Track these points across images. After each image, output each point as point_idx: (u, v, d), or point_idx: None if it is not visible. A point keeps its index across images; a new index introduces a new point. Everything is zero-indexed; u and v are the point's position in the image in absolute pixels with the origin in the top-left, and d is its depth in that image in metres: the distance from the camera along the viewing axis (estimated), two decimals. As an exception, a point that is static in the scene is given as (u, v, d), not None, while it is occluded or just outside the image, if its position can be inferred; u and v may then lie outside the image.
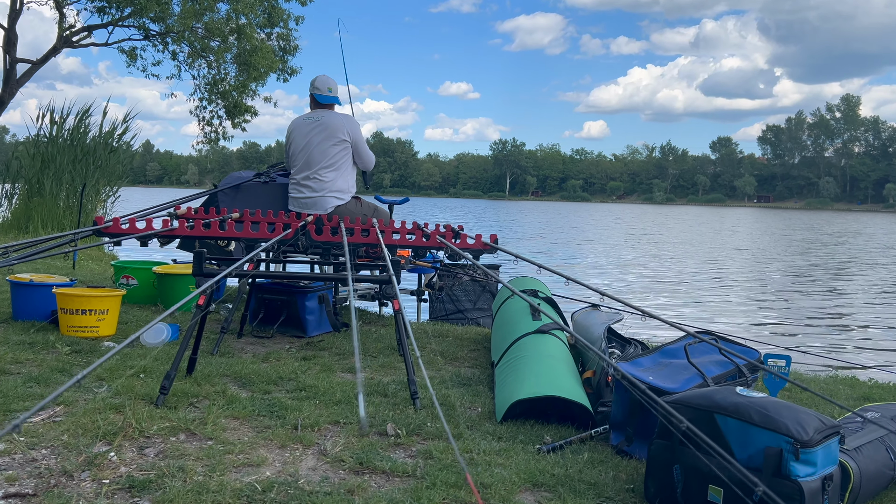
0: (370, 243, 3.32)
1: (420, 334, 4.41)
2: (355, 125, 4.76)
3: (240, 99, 14.23)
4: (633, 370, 2.47)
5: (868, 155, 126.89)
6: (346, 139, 4.68)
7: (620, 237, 25.15)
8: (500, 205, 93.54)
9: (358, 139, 4.74)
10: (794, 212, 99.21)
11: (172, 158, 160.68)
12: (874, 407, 2.51)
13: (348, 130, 4.72)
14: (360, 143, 4.75)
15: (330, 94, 4.85)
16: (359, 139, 4.75)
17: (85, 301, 3.90)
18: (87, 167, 11.41)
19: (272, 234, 3.11)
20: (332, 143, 4.70)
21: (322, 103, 4.84)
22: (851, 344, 7.30)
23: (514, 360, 3.07)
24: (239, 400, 2.83)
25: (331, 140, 4.71)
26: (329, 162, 4.68)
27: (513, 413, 2.73)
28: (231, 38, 12.98)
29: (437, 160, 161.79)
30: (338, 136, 4.70)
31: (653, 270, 13.26)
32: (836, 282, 12.82)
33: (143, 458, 2.23)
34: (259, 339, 4.13)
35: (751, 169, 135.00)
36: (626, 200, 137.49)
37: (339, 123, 4.72)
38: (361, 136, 4.77)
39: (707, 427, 1.94)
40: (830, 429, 1.89)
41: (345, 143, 4.68)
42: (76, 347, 3.62)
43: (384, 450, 2.40)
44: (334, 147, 4.69)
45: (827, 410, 3.07)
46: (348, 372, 3.46)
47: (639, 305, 3.13)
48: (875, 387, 3.57)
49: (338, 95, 4.89)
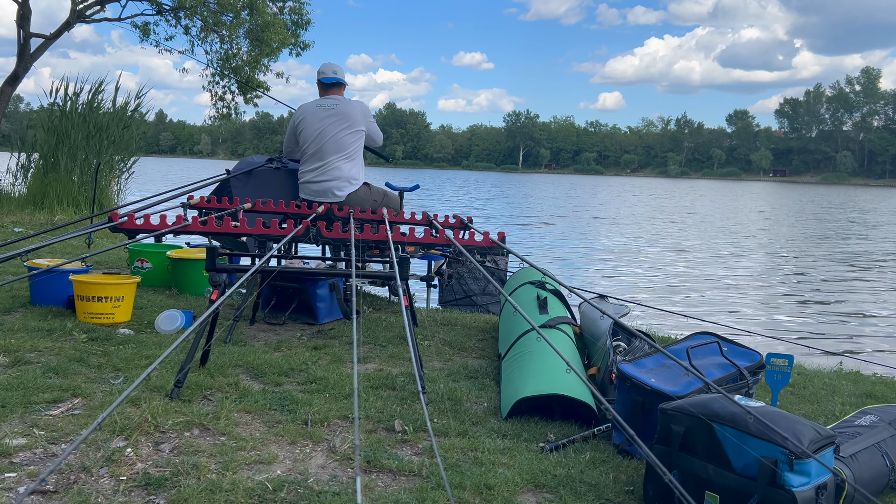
0: (380, 240, 3.36)
1: (429, 323, 4.47)
2: (368, 112, 4.84)
3: (252, 74, 14.21)
4: (635, 372, 2.52)
5: (887, 129, 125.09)
6: (362, 129, 4.74)
7: (633, 221, 25.02)
8: (512, 178, 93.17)
9: (371, 125, 4.85)
10: (810, 186, 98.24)
11: (185, 128, 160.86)
12: (873, 409, 2.55)
13: (361, 116, 4.77)
14: (373, 128, 4.85)
15: (335, 76, 4.88)
16: (372, 125, 4.86)
17: (101, 289, 3.98)
18: (100, 143, 11.48)
19: (284, 231, 3.16)
20: (349, 133, 4.74)
21: (328, 84, 4.87)
22: (859, 336, 7.30)
23: (519, 356, 3.12)
24: (251, 393, 2.90)
25: (348, 130, 4.74)
26: (344, 150, 4.72)
27: (518, 410, 2.79)
28: (243, 13, 12.93)
29: (450, 132, 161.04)
30: (355, 126, 4.74)
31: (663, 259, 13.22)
32: (848, 271, 12.74)
33: (158, 454, 2.31)
34: (271, 327, 4.21)
35: (767, 143, 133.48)
36: (640, 174, 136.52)
37: (356, 113, 4.75)
38: (373, 120, 4.90)
39: (705, 435, 1.99)
40: (825, 439, 1.94)
41: (360, 133, 4.73)
42: (93, 335, 3.70)
43: (391, 447, 2.47)
44: (350, 136, 4.73)
45: (828, 408, 3.11)
46: (359, 362, 3.53)
47: (644, 300, 3.17)
48: (878, 382, 3.61)
49: (340, 77, 4.92)
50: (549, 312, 3.55)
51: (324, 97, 4.84)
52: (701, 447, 2.00)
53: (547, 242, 15.00)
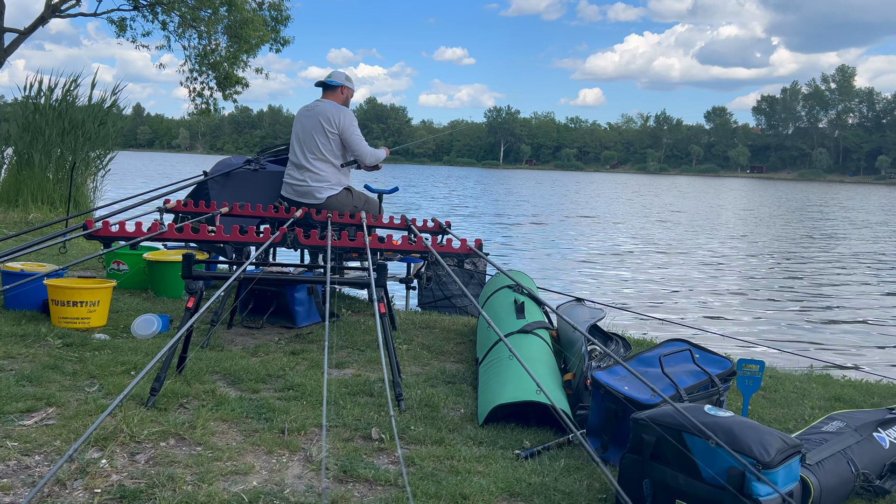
0: (357, 247, 3.37)
1: (407, 326, 4.49)
2: (345, 116, 4.77)
3: (231, 70, 14.12)
4: (609, 379, 2.55)
5: (861, 126, 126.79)
6: (333, 130, 4.71)
7: (619, 220, 25.17)
8: (494, 173, 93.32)
9: (347, 130, 4.75)
10: (786, 183, 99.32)
11: (164, 122, 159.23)
12: (840, 415, 2.60)
13: (336, 121, 4.73)
14: (349, 134, 4.75)
15: (328, 79, 4.89)
16: (348, 130, 4.75)
17: (76, 293, 3.95)
18: (76, 139, 11.33)
19: (261, 238, 3.16)
20: (320, 133, 4.74)
21: (323, 87, 4.89)
22: (831, 338, 7.40)
23: (496, 362, 3.15)
24: (228, 401, 2.90)
25: (318, 130, 4.75)
26: (318, 151, 4.72)
27: (494, 416, 2.82)
28: (222, 9, 12.84)
29: (432, 127, 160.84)
30: (325, 126, 4.73)
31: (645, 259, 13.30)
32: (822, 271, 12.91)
33: (133, 465, 2.31)
34: (249, 330, 4.20)
35: (744, 139, 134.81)
36: (619, 170, 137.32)
37: (329, 113, 4.75)
38: (352, 127, 4.77)
39: (675, 445, 2.03)
40: (792, 448, 1.98)
41: (333, 135, 4.71)
42: (68, 340, 3.67)
43: (368, 455, 2.48)
44: (322, 137, 4.73)
45: (798, 412, 3.17)
46: (336, 368, 3.54)
47: (625, 301, 3.21)
48: (847, 385, 3.68)
49: (336, 80, 4.90)
50: (525, 317, 3.58)
51: (318, 99, 4.89)
52: (671, 456, 2.04)
53: (531, 243, 15.00)
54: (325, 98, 4.85)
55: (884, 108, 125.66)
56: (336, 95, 4.87)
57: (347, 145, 4.75)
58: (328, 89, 4.88)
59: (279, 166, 5.38)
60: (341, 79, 4.91)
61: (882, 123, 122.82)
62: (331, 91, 4.88)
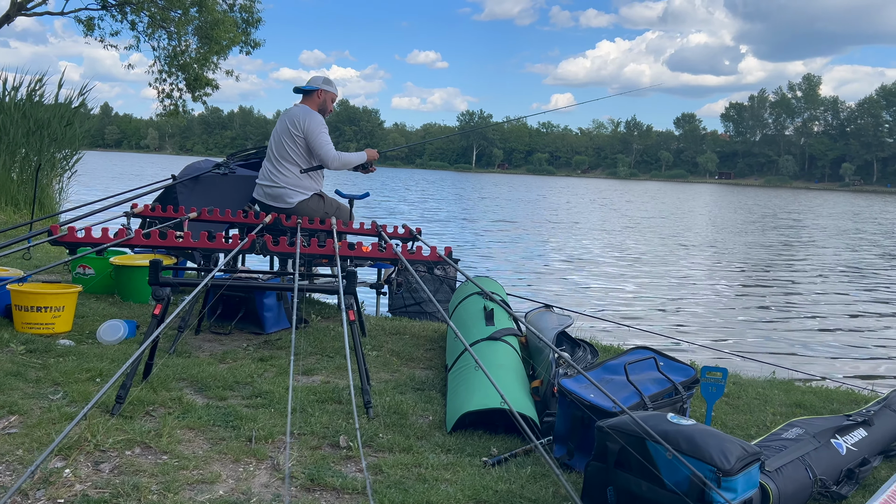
0: (326, 254, 3.37)
1: (378, 332, 4.49)
2: (311, 119, 4.72)
3: (200, 72, 14.00)
4: (575, 387, 2.58)
5: (826, 134, 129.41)
6: (299, 133, 4.69)
7: (586, 226, 25.36)
8: (467, 177, 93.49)
9: (311, 133, 4.69)
10: (753, 189, 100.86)
11: (132, 122, 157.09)
12: (799, 421, 2.66)
13: (301, 124, 4.70)
14: (313, 137, 4.69)
15: (305, 85, 4.88)
16: (312, 133, 4.70)
17: (40, 298, 3.89)
18: (41, 140, 11.15)
19: (229, 245, 3.15)
20: (288, 137, 4.73)
21: (301, 93, 4.88)
22: (795, 344, 7.53)
23: (465, 369, 3.16)
24: (195, 409, 2.88)
25: (286, 133, 4.74)
26: (287, 155, 4.71)
27: (462, 424, 2.83)
28: (192, 9, 12.73)
29: (404, 130, 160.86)
30: (291, 130, 4.71)
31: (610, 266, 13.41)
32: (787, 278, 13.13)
33: (98, 474, 2.29)
34: (217, 336, 4.17)
35: (713, 146, 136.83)
36: (590, 175, 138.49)
37: (296, 117, 4.74)
38: (316, 131, 4.72)
39: (639, 453, 2.06)
40: (751, 456, 2.03)
41: (299, 138, 4.69)
42: (31, 346, 3.62)
43: (336, 463, 2.48)
44: (289, 140, 4.72)
45: (760, 418, 3.24)
46: (304, 375, 3.53)
47: (590, 310, 3.25)
48: (808, 392, 3.75)
49: (313, 84, 4.89)
50: (495, 324, 3.60)
51: (294, 104, 4.90)
52: (635, 464, 2.07)
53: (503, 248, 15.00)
54: (303, 103, 4.84)
55: (848, 116, 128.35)
56: (312, 100, 4.85)
57: (311, 149, 4.72)
58: (306, 94, 4.87)
59: (249, 170, 5.36)
60: (318, 83, 4.89)
61: (846, 131, 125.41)
62: (307, 95, 4.87)
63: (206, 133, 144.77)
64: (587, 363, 3.59)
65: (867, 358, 7.15)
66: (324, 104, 4.86)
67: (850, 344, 7.64)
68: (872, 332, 8.34)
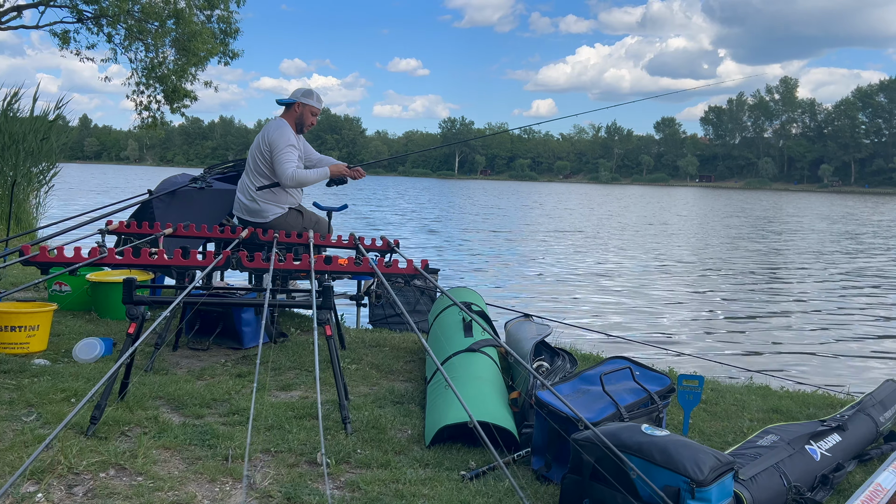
0: (302, 269, 3.36)
1: (357, 344, 4.48)
2: (278, 134, 4.62)
3: (179, 84, 13.92)
4: (552, 399, 2.59)
5: (804, 136, 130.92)
6: (266, 148, 4.62)
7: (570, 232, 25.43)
8: (449, 184, 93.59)
9: (275, 146, 4.57)
10: (733, 191, 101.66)
11: (111, 134, 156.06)
12: (774, 428, 2.69)
13: (268, 137, 4.62)
14: (276, 150, 4.56)
15: (285, 99, 4.79)
16: (275, 149, 4.57)
17: (14, 318, 3.85)
18: (17, 154, 11.01)
19: (204, 262, 3.13)
20: (257, 150, 4.70)
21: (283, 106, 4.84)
22: (770, 348, 7.58)
23: (443, 382, 3.16)
24: (171, 428, 2.86)
25: (258, 148, 4.71)
26: (259, 169, 4.69)
27: (441, 437, 2.83)
28: (169, 21, 12.67)
29: (386, 138, 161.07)
30: (261, 144, 4.67)
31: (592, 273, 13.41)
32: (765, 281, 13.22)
33: (71, 497, 2.26)
34: (194, 352, 4.14)
35: (693, 149, 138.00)
36: (572, 180, 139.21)
37: (267, 131, 4.70)
38: (279, 147, 4.58)
39: (614, 465, 2.07)
40: (725, 466, 2.04)
41: (265, 151, 4.63)
42: (4, 367, 3.58)
43: (313, 481, 2.47)
44: (260, 155, 4.68)
45: (737, 424, 3.26)
46: (282, 390, 3.52)
47: (570, 319, 3.25)
48: (785, 397, 3.78)
49: (292, 97, 4.79)
50: (473, 336, 3.60)
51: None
52: (610, 476, 2.08)
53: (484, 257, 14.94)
54: (282, 116, 4.79)
55: (825, 118, 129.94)
56: (290, 113, 4.76)
57: (273, 162, 4.60)
58: (285, 108, 4.83)
59: (226, 184, 5.33)
60: (297, 95, 4.75)
61: (824, 133, 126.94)
62: (286, 110, 4.81)
63: (186, 144, 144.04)
64: (566, 372, 3.60)
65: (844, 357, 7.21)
66: (301, 117, 4.74)
67: (827, 346, 7.71)
68: (851, 335, 8.42)
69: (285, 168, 4.55)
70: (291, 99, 4.75)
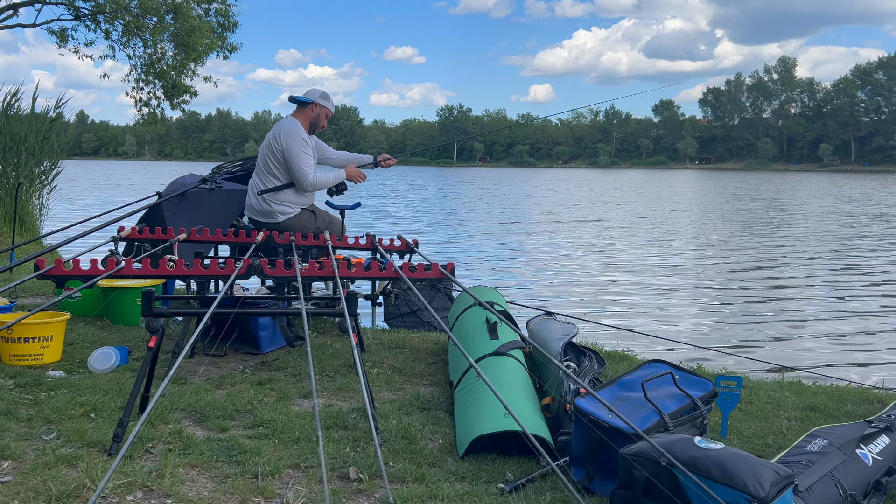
0: (325, 276, 3.26)
1: (377, 347, 4.39)
2: (291, 134, 4.53)
3: (178, 79, 13.78)
4: (592, 407, 2.50)
5: (803, 115, 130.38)
6: (278, 147, 4.53)
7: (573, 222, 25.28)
8: (449, 172, 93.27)
9: (290, 149, 4.49)
10: (734, 173, 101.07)
11: (109, 129, 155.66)
12: (821, 431, 2.60)
13: (282, 138, 4.52)
14: (291, 154, 4.49)
15: (298, 96, 4.70)
16: (291, 149, 4.49)
17: (27, 329, 3.76)
18: (18, 156, 10.89)
19: (224, 271, 3.03)
20: (269, 150, 4.60)
21: (295, 102, 4.73)
22: (796, 339, 7.33)
23: (473, 388, 3.07)
24: (195, 444, 2.77)
25: (269, 147, 4.61)
26: (269, 169, 4.59)
27: (474, 448, 2.74)
28: (167, 17, 12.51)
29: (384, 127, 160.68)
30: (273, 143, 4.57)
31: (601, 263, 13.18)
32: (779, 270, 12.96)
33: (99, 524, 2.17)
34: (212, 359, 4.05)
35: (692, 131, 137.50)
36: (571, 165, 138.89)
37: (279, 129, 4.60)
38: (295, 147, 4.50)
39: (668, 481, 1.98)
40: (785, 479, 1.95)
41: (278, 152, 4.53)
42: (20, 380, 3.49)
43: (347, 498, 2.39)
44: (270, 154, 4.58)
45: (775, 424, 3.17)
46: (305, 398, 3.43)
47: (588, 315, 3.16)
48: (819, 392, 3.69)
49: (309, 97, 4.70)
50: (499, 337, 3.51)
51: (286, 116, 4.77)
52: (664, 493, 1.99)
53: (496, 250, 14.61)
54: (295, 115, 4.68)
55: (824, 97, 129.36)
56: (305, 113, 4.65)
57: (288, 166, 4.52)
58: (300, 106, 4.70)
59: (236, 184, 5.23)
60: (315, 95, 4.67)
61: (823, 112, 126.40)
62: (300, 108, 4.69)
63: (184, 138, 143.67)
64: (594, 373, 3.51)
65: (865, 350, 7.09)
66: (316, 119, 4.65)
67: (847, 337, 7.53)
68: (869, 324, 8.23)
69: (305, 174, 4.50)
70: (308, 98, 4.64)
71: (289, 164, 4.48)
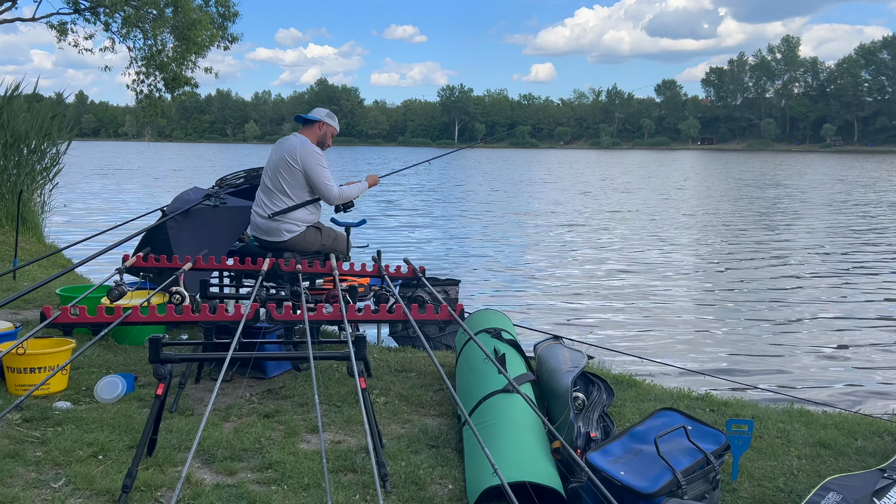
0: (334, 320, 3.24)
1: (383, 370, 4.37)
2: (308, 151, 4.56)
3: (179, 71, 13.68)
4: (604, 463, 2.48)
5: (807, 95, 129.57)
6: (295, 166, 4.52)
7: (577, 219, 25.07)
8: (450, 154, 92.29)
9: (309, 167, 4.53)
10: (737, 153, 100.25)
11: (108, 110, 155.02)
12: (834, 484, 2.58)
13: (299, 156, 4.53)
14: (312, 171, 4.53)
15: (307, 115, 4.72)
16: (310, 167, 4.53)
17: (33, 359, 3.75)
18: (19, 153, 10.83)
19: (233, 317, 3.01)
20: (283, 168, 4.57)
21: (301, 123, 4.73)
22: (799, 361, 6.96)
23: (482, 428, 3.06)
24: (204, 492, 2.76)
25: (282, 164, 4.58)
26: (281, 188, 4.56)
27: (485, 498, 2.73)
28: (167, 10, 12.38)
29: (385, 107, 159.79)
30: (287, 160, 4.55)
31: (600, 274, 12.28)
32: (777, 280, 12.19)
33: (110, 591, 2.17)
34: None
35: (694, 111, 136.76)
36: (573, 146, 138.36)
37: (292, 147, 4.57)
38: (315, 165, 4.55)
39: (683, 557, 1.97)
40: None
41: (295, 170, 4.53)
42: (27, 414, 3.48)
43: (358, 556, 2.38)
44: (284, 172, 4.56)
45: (785, 463, 3.16)
46: (312, 433, 3.42)
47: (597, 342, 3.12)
48: (829, 425, 3.66)
49: (315, 115, 4.73)
50: (507, 370, 3.48)
51: (292, 133, 4.75)
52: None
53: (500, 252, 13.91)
54: (302, 133, 4.67)
55: (827, 77, 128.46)
56: (312, 131, 4.67)
57: (311, 184, 4.56)
58: (305, 124, 4.71)
59: (240, 200, 5.19)
60: (321, 115, 4.74)
61: (826, 92, 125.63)
62: (308, 126, 4.70)
63: (184, 118, 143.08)
64: (603, 405, 3.50)
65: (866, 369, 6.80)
66: (323, 137, 4.70)
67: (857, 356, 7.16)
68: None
69: (330, 188, 4.59)
70: (315, 117, 4.65)
71: (312, 181, 4.55)
